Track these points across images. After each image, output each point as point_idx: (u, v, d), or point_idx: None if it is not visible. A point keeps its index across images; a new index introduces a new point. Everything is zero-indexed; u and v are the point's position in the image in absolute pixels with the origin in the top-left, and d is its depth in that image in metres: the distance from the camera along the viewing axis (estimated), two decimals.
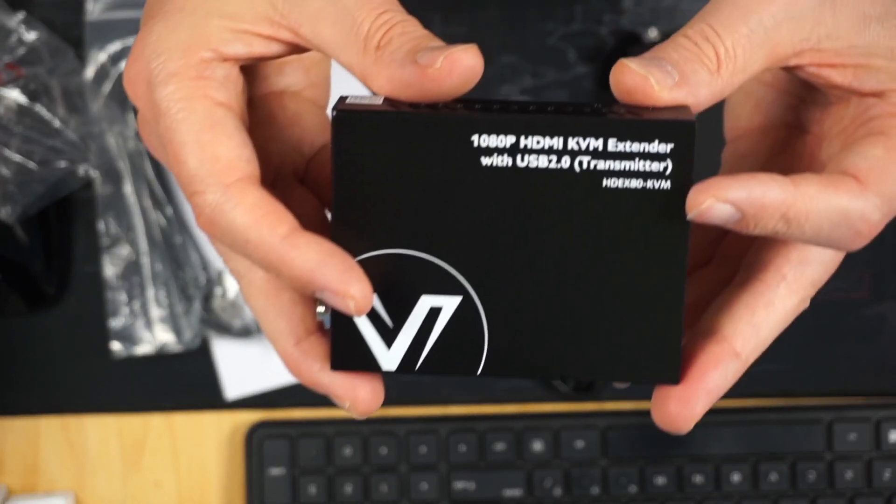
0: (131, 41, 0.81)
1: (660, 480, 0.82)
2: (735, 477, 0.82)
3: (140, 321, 0.83)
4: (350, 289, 0.43)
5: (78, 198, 0.84)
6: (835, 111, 0.47)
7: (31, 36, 0.80)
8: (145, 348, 0.83)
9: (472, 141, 0.43)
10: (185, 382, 0.84)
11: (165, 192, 0.83)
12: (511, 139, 0.43)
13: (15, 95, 0.79)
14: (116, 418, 0.84)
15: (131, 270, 0.83)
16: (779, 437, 0.82)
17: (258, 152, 0.45)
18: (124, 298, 0.83)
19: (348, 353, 0.45)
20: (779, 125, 0.51)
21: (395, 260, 0.44)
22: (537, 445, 0.83)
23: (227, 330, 0.83)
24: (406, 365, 0.46)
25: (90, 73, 0.82)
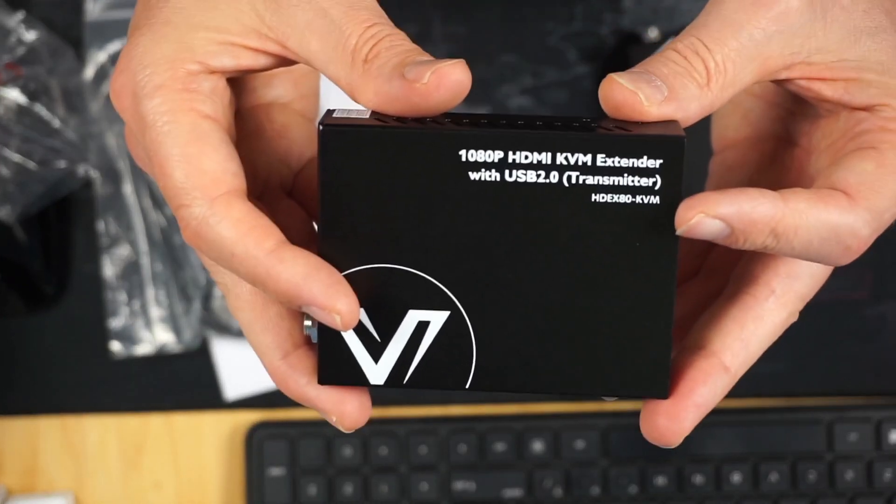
0: None
1: (660, 481, 0.82)
2: (735, 477, 0.82)
3: (140, 321, 0.83)
4: (336, 304, 0.43)
5: (77, 198, 0.83)
6: (824, 124, 0.47)
7: (31, 36, 0.80)
8: (145, 348, 0.83)
9: (461, 156, 0.43)
10: (185, 382, 0.84)
11: None
12: (499, 154, 0.43)
13: (14, 95, 0.79)
14: (116, 418, 0.84)
15: (131, 270, 0.83)
16: (779, 438, 0.82)
17: (245, 165, 0.45)
18: (124, 298, 0.83)
19: (336, 368, 0.45)
20: (767, 137, 0.50)
21: (383, 274, 0.44)
22: (537, 446, 0.82)
23: (227, 330, 0.83)
24: (394, 379, 0.45)
25: (90, 73, 0.82)
